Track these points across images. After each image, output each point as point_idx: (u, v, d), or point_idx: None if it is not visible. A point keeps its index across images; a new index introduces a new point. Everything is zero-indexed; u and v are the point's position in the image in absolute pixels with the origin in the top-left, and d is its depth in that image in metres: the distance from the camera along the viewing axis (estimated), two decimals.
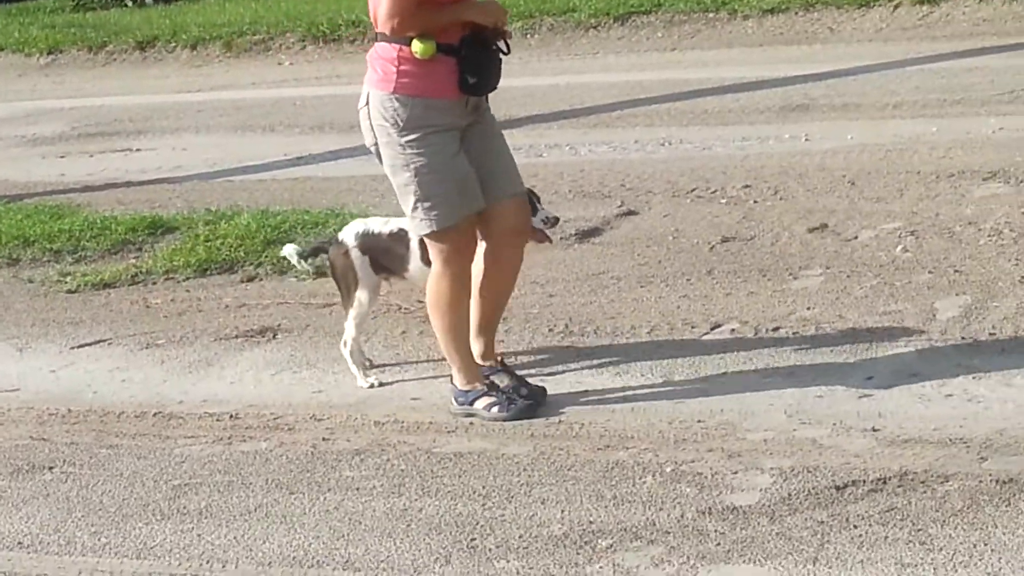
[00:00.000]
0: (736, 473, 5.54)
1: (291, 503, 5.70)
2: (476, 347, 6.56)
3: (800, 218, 8.67)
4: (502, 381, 6.48)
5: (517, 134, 11.79)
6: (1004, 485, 5.21)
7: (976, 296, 7.10)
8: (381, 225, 6.83)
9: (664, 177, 9.89)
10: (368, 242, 6.80)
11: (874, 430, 5.81)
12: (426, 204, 6.20)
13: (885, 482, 5.34)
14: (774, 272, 7.78)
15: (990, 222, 8.14)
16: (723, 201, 9.21)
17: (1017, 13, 14.13)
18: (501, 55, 6.27)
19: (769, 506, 5.26)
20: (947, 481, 5.30)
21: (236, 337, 7.73)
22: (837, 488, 5.33)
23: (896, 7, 14.69)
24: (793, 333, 6.93)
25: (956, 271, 7.46)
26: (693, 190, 9.50)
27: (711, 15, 15.51)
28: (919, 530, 4.99)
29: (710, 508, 5.29)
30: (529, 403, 6.34)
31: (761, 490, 5.38)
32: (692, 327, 7.14)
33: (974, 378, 6.20)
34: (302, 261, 7.28)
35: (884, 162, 9.71)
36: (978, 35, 13.66)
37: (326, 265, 7.18)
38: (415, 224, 6.29)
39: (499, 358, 6.65)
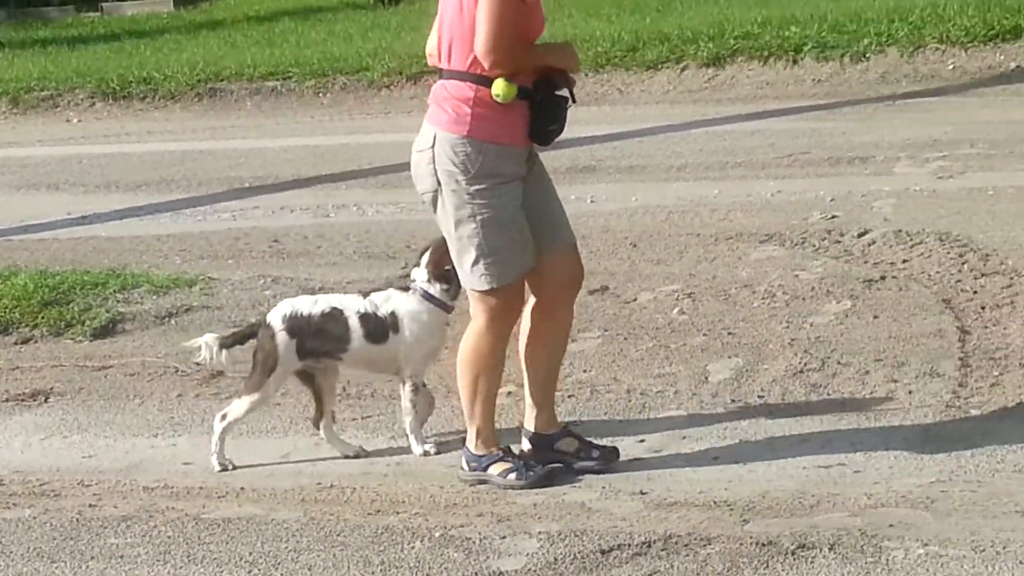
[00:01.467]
0: (504, 538, 5.56)
1: (52, 572, 5.58)
2: (538, 416, 6.18)
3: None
4: (571, 447, 6.16)
5: (305, 194, 11.76)
6: (764, 547, 5.29)
7: (747, 358, 7.22)
8: (310, 305, 6.46)
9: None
10: (296, 324, 6.41)
11: (642, 493, 5.87)
12: (488, 260, 5.87)
13: (650, 545, 5.39)
14: None
15: (764, 284, 8.29)
16: None
17: (798, 76, 14.46)
18: (570, 102, 5.98)
19: (535, 571, 5.28)
20: (709, 544, 5.36)
21: (6, 401, 7.58)
22: (602, 552, 5.37)
23: (683, 70, 14.95)
24: (569, 396, 6.98)
25: (730, 333, 7.58)
26: None
27: None
28: None
29: (476, 573, 5.29)
30: (549, 470, 6.07)
31: (528, 555, 5.40)
32: None
33: (740, 441, 6.29)
34: (221, 352, 6.54)
35: (666, 224, 9.84)
36: (761, 98, 13.95)
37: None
38: (471, 279, 5.93)
39: (563, 424, 6.30)
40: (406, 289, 6.49)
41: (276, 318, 6.44)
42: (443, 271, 6.35)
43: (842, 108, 13.21)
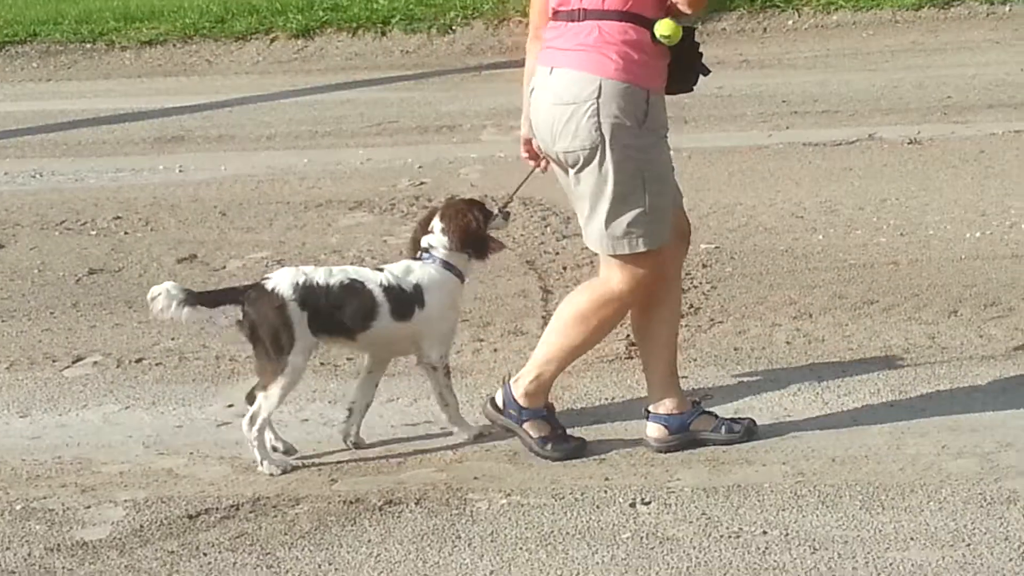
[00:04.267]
0: (89, 508, 5.45)
1: None
2: (669, 399, 5.72)
3: (170, 249, 8.63)
4: (706, 424, 5.76)
5: None
6: (351, 505, 5.35)
7: None
8: (325, 276, 5.69)
9: (33, 210, 9.65)
10: (312, 296, 5.63)
11: (231, 458, 5.83)
12: (649, 218, 5.40)
13: (238, 508, 5.38)
14: (140, 303, 7.64)
15: (353, 250, 8.35)
16: (93, 233, 9.07)
17: (387, 48, 14.56)
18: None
19: (120, 539, 5.20)
20: (298, 504, 5.38)
21: None
22: (190, 517, 5.33)
23: (272, 41, 14.87)
24: (156, 364, 6.89)
25: None
26: (63, 222, 9.31)
27: (88, 46, 15.26)
28: (267, 554, 5.05)
29: (59, 545, 5.18)
30: (581, 440, 5.75)
31: (113, 523, 5.31)
32: (53, 361, 6.99)
33: (330, 403, 6.32)
34: (183, 307, 5.59)
35: (256, 192, 9.80)
36: (350, 69, 14.00)
37: (227, 321, 5.80)
38: (623, 242, 5.41)
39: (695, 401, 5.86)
40: (419, 259, 5.87)
41: (284, 286, 5.62)
42: (469, 235, 5.83)
43: (430, 78, 13.38)
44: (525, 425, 5.71)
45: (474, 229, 5.84)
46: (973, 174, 9.15)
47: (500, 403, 5.77)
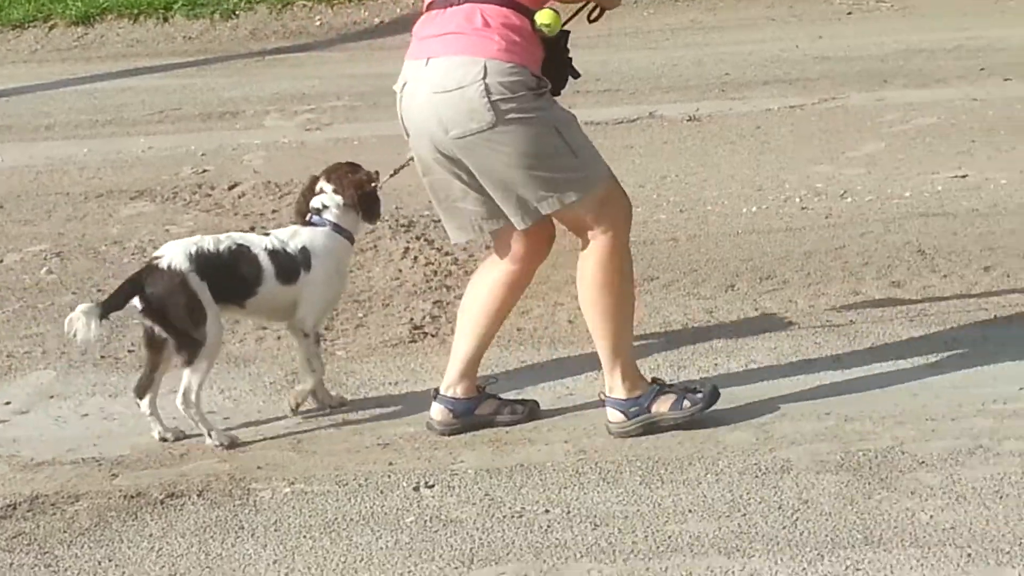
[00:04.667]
0: None
1: None
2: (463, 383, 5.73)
3: None
4: (490, 408, 5.77)
5: None
6: (132, 499, 5.31)
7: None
8: (215, 243, 5.65)
9: None
10: (205, 263, 5.59)
11: (9, 456, 5.74)
12: (581, 158, 5.39)
13: (15, 507, 5.31)
14: None
15: (135, 240, 8.24)
16: None
17: (169, 34, 14.37)
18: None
19: None
20: (77, 501, 5.32)
21: None
22: None
23: (51, 28, 14.57)
24: None
25: (99, 290, 7.48)
26: None
27: None
28: (46, 552, 5.00)
29: None
30: (713, 387, 5.64)
31: None
32: None
33: (111, 396, 6.25)
34: (101, 323, 5.53)
35: (34, 184, 9.62)
36: (132, 56, 13.77)
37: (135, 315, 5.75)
38: (574, 188, 5.37)
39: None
40: (308, 223, 5.85)
41: (179, 259, 5.57)
42: (363, 190, 5.84)
43: (212, 64, 13.22)
44: (654, 407, 5.59)
45: (368, 184, 5.87)
46: (750, 149, 9.32)
47: (620, 417, 5.60)
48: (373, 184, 5.89)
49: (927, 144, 9.20)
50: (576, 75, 5.58)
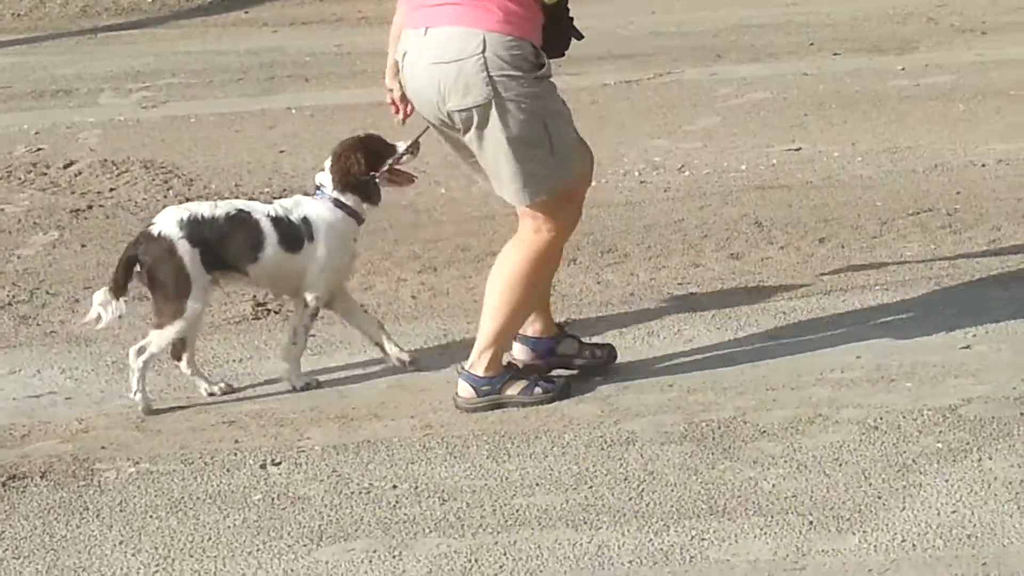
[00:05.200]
0: None
1: None
2: (540, 321, 5.82)
3: None
4: (571, 348, 5.87)
5: None
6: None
7: None
8: (211, 209, 5.64)
9: None
10: (199, 231, 5.58)
11: None
12: (561, 155, 5.40)
13: None
14: None
15: None
16: None
17: None
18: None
19: None
20: None
21: None
22: None
23: None
24: None
25: None
26: None
27: None
28: None
29: None
30: (566, 380, 5.74)
31: None
32: None
33: None
34: (121, 304, 5.68)
35: None
36: None
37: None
38: (544, 183, 5.40)
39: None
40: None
41: (170, 226, 5.58)
42: (349, 178, 5.77)
43: (44, 42, 13.01)
44: (506, 391, 5.63)
45: (355, 172, 5.78)
46: (588, 124, 9.31)
47: (471, 393, 5.63)
48: (360, 170, 5.78)
49: (761, 118, 9.35)
50: (579, 36, 5.59)
